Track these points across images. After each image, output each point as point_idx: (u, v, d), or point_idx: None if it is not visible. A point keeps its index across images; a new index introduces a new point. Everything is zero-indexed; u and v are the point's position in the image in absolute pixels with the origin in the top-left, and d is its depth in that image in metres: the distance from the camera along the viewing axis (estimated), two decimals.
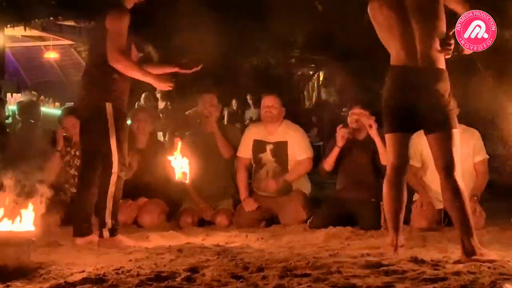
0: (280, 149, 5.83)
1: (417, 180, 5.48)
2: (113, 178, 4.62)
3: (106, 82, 4.68)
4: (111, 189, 4.61)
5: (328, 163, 5.71)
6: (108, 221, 4.65)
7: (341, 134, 5.60)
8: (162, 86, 4.86)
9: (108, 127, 4.63)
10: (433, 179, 5.09)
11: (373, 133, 5.50)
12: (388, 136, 4.08)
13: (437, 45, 3.91)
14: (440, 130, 3.91)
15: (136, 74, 4.71)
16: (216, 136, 5.90)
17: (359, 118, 5.65)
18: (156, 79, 4.76)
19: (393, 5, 3.94)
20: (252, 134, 5.99)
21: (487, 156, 5.58)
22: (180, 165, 4.84)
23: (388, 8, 3.95)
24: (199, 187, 5.96)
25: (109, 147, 4.63)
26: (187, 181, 4.96)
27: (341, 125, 5.65)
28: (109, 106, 4.63)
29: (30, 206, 3.87)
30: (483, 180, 5.50)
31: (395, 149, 4.05)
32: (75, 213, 4.93)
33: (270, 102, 5.87)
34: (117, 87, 4.70)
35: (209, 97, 6.06)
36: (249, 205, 5.75)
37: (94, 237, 4.81)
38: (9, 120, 12.26)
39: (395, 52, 3.99)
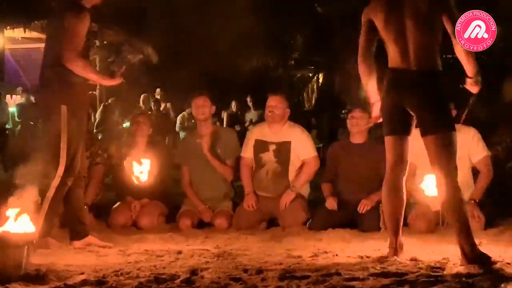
0: (283, 149, 5.82)
1: (414, 185, 5.44)
2: (55, 181, 4.41)
3: (62, 83, 4.56)
4: (51, 191, 4.38)
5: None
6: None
7: (330, 202, 5.61)
8: (113, 82, 4.73)
9: (60, 130, 4.50)
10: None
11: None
12: (386, 139, 4.09)
13: (432, 48, 3.94)
14: (436, 132, 3.92)
15: (90, 75, 4.62)
16: (212, 162, 5.87)
17: (358, 121, 5.66)
18: (109, 81, 4.71)
19: (390, 8, 3.96)
20: (255, 134, 5.99)
21: (489, 153, 5.48)
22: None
23: (386, 10, 3.97)
24: (198, 190, 5.96)
25: (58, 150, 4.48)
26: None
27: (330, 199, 5.62)
28: (63, 109, 4.51)
29: (30, 208, 3.88)
30: (485, 180, 5.41)
31: (393, 151, 4.06)
32: (67, 217, 4.91)
33: (273, 102, 5.85)
34: (73, 88, 4.58)
35: (202, 100, 6.01)
36: (249, 202, 5.72)
37: (91, 238, 4.81)
38: (9, 125, 12.27)
39: (392, 54, 4.02)
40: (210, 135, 5.91)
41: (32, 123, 8.16)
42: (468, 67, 3.99)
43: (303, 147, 5.83)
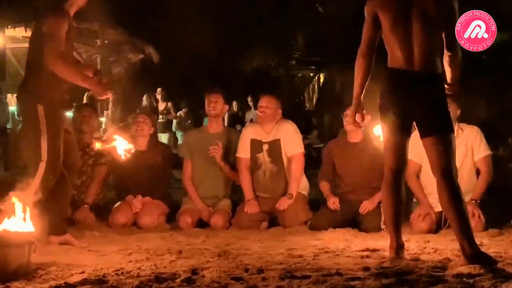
0: (275, 148, 5.81)
1: (418, 185, 5.43)
2: (37, 179, 4.42)
3: (39, 84, 4.58)
4: (31, 189, 4.33)
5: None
6: None
7: (332, 202, 5.60)
8: (100, 94, 4.66)
9: (40, 129, 4.52)
10: (432, 180, 5.08)
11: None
12: (385, 138, 4.09)
13: (435, 50, 3.93)
14: (435, 134, 3.91)
15: (73, 78, 4.60)
16: (223, 169, 5.89)
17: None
18: (95, 85, 4.62)
19: (398, 9, 3.95)
20: (249, 133, 5.96)
21: (490, 153, 5.47)
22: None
23: (394, 11, 3.95)
24: (199, 187, 5.94)
25: (39, 148, 4.50)
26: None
27: (332, 200, 5.62)
28: (40, 108, 4.52)
29: (29, 207, 3.88)
30: (486, 179, 5.40)
31: (392, 151, 4.05)
32: (50, 211, 4.89)
33: (264, 102, 5.87)
34: (50, 89, 4.59)
35: (214, 97, 6.00)
36: (251, 207, 5.73)
37: (69, 237, 4.80)
38: (10, 124, 12.28)
39: (393, 54, 4.00)
40: (221, 141, 5.91)
41: None
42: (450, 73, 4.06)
43: (288, 142, 5.80)
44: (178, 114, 13.40)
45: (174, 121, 13.30)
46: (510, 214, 5.63)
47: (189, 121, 13.58)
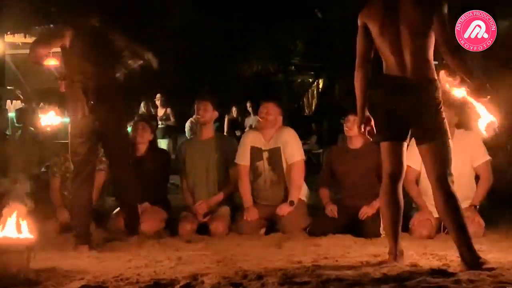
0: (275, 156, 5.81)
1: (417, 191, 5.43)
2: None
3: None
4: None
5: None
6: None
7: (330, 210, 5.61)
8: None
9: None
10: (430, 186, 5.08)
11: None
12: (382, 145, 4.09)
13: (427, 56, 3.92)
14: (431, 140, 3.91)
15: None
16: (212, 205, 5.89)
17: (352, 126, 5.62)
18: None
19: (385, 16, 3.96)
20: (249, 140, 5.95)
21: (489, 158, 5.46)
22: None
23: (381, 18, 3.97)
24: (196, 193, 5.94)
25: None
26: None
27: (330, 207, 5.62)
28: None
29: (28, 213, 3.88)
30: (486, 185, 5.39)
31: (389, 157, 4.06)
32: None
33: (265, 108, 5.87)
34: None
35: (202, 104, 6.01)
36: (250, 215, 5.73)
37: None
38: (9, 131, 12.29)
39: (386, 62, 4.01)
40: (212, 148, 5.95)
41: (32, 128, 8.10)
42: (462, 71, 3.86)
43: (288, 150, 5.79)
44: (189, 121, 13.37)
45: (187, 126, 13.27)
46: (509, 219, 5.63)
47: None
